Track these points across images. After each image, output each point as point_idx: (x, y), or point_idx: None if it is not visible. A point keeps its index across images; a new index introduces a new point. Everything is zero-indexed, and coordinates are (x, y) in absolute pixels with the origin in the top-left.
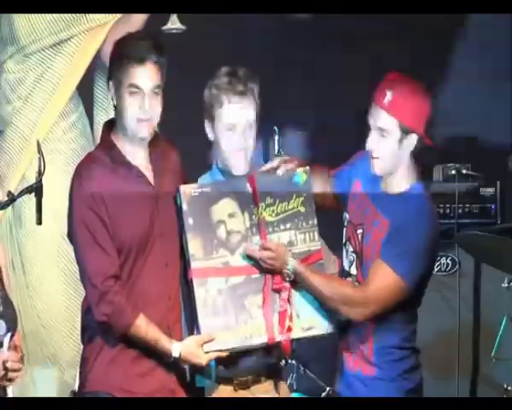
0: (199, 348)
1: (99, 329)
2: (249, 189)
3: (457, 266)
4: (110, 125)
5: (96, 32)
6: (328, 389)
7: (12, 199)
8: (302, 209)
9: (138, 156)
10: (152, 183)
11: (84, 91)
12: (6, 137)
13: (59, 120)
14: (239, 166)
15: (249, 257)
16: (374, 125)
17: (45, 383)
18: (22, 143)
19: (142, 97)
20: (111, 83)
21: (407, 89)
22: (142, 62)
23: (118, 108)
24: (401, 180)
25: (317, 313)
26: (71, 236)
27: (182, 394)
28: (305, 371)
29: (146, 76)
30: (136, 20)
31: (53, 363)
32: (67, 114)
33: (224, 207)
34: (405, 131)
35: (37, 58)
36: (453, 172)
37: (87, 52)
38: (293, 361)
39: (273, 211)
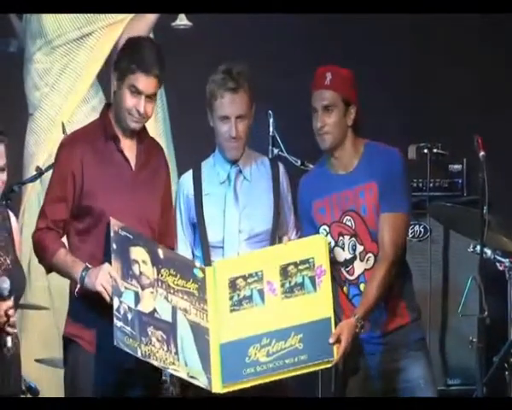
0: (105, 273)
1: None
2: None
3: (429, 234)
4: (109, 106)
5: (114, 27)
6: None
7: (40, 173)
8: (196, 293)
9: (126, 142)
10: (132, 168)
11: (103, 80)
12: (35, 119)
13: (81, 104)
14: (231, 152)
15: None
16: (320, 105)
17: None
18: (49, 125)
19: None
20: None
21: (340, 71)
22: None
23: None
24: (350, 152)
25: (203, 369)
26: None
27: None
28: None
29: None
30: (149, 18)
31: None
32: (88, 99)
33: (139, 252)
34: (347, 104)
35: (63, 50)
36: (425, 151)
37: (106, 45)
38: None
39: (173, 281)
